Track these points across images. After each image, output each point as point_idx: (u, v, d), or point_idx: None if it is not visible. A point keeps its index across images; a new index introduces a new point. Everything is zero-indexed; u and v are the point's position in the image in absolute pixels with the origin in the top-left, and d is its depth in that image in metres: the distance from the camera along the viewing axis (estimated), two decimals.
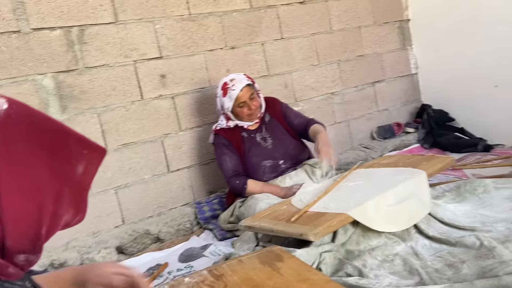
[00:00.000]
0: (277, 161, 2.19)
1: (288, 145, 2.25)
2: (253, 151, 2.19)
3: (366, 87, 3.22)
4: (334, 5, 3.02)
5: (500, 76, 2.87)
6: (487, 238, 1.47)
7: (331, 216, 1.57)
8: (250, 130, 2.23)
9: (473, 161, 2.67)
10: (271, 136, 2.24)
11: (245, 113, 2.15)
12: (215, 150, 2.24)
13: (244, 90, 2.11)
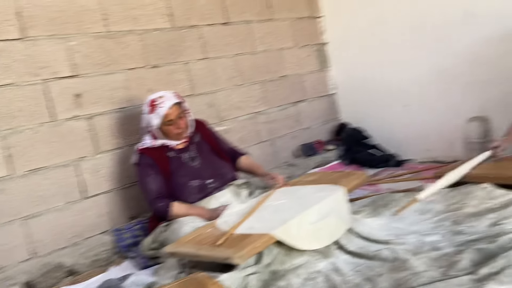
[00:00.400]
0: (205, 181, 2.15)
1: (217, 164, 2.23)
2: (180, 171, 2.13)
3: (289, 106, 3.32)
4: (257, 27, 3.09)
5: (409, 96, 3.13)
6: (401, 251, 1.56)
7: (256, 238, 1.57)
8: (177, 150, 2.18)
9: (387, 175, 2.85)
10: (200, 155, 2.21)
11: (172, 131, 2.10)
12: (138, 170, 2.14)
13: (172, 108, 2.07)
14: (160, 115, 2.05)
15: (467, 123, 2.84)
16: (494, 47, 2.61)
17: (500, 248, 1.44)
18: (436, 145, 3.06)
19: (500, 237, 1.50)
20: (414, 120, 3.14)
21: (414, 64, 3.03)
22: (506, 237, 1.48)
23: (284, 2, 3.26)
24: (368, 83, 3.35)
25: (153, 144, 2.13)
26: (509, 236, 1.48)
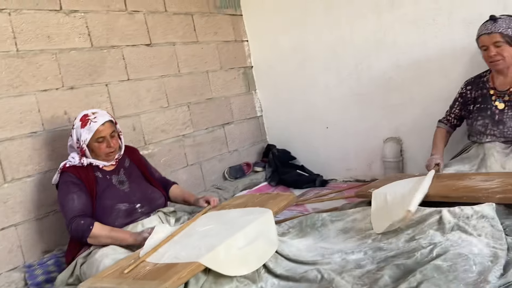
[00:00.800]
0: (134, 205, 2.05)
1: (147, 189, 2.16)
2: (108, 193, 2.02)
3: (217, 129, 3.30)
4: (181, 49, 3.07)
5: (330, 118, 3.27)
6: (327, 271, 1.59)
7: (182, 267, 1.50)
8: (105, 171, 2.07)
9: (312, 196, 2.93)
10: (129, 180, 2.12)
11: (103, 150, 2.00)
12: (59, 190, 1.97)
13: (106, 125, 2.00)
14: (92, 130, 1.96)
15: (383, 144, 3.03)
16: (404, 73, 2.83)
17: (417, 263, 1.52)
18: (356, 165, 3.22)
19: (417, 251, 1.58)
20: (336, 141, 3.28)
21: (334, 87, 3.19)
22: (422, 252, 1.56)
23: (209, 26, 3.28)
24: (292, 105, 3.45)
25: (81, 162, 2.00)
26: (425, 250, 1.57)
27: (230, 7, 3.46)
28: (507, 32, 2.02)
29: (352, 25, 2.99)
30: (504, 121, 2.12)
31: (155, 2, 2.91)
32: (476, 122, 2.22)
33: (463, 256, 1.46)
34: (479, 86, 2.26)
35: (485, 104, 2.20)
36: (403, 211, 1.72)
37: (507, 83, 2.15)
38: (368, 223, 1.95)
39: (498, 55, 2.06)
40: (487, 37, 2.06)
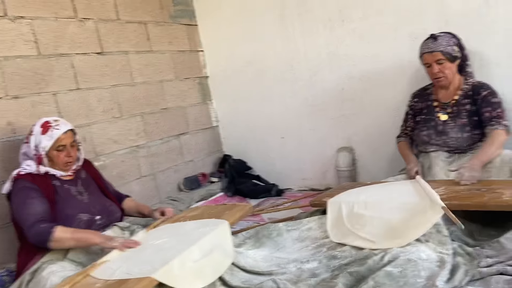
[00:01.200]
0: (94, 217, 1.99)
1: (105, 202, 2.11)
2: (68, 202, 1.95)
3: (172, 139, 3.25)
4: (135, 58, 3.00)
5: (285, 128, 3.32)
6: (282, 281, 1.59)
7: (134, 283, 1.45)
8: (63, 180, 2.00)
9: (269, 205, 2.94)
10: (87, 191, 2.06)
11: (62, 159, 1.94)
12: (15, 196, 1.86)
13: (67, 134, 1.96)
14: (54, 137, 1.91)
15: (336, 153, 3.10)
16: (355, 85, 2.93)
17: (369, 270, 1.56)
18: (311, 174, 3.27)
19: (369, 258, 1.63)
20: (291, 151, 3.33)
21: (290, 98, 3.24)
22: (374, 259, 1.61)
23: (163, 35, 3.24)
24: (248, 116, 3.47)
25: (38, 170, 1.91)
26: (377, 257, 1.61)
27: (185, 17, 3.44)
28: (447, 50, 2.15)
29: (306, 39, 3.06)
30: (447, 132, 2.24)
31: (107, 10, 2.84)
32: (421, 133, 2.33)
33: (412, 262, 1.51)
34: (424, 98, 2.38)
35: (430, 115, 2.32)
36: (434, 212, 1.73)
37: (449, 95, 2.28)
38: (323, 231, 1.98)
39: (440, 72, 2.18)
40: (430, 55, 2.18)
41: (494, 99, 2.17)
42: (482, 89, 2.20)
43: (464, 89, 2.24)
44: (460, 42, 2.22)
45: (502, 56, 2.38)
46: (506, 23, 2.34)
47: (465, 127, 2.20)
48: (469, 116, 2.19)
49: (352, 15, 2.83)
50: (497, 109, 2.15)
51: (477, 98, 2.19)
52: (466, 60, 2.27)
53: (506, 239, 1.62)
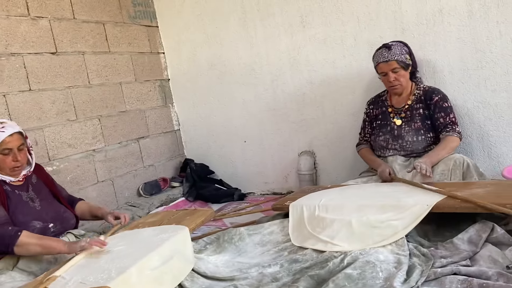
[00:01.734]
0: (47, 224, 1.90)
1: (59, 208, 2.02)
2: (21, 209, 1.85)
3: (131, 143, 3.16)
4: (92, 59, 2.90)
5: (247, 132, 3.31)
6: (244, 286, 1.58)
7: None
8: (13, 185, 1.89)
9: (231, 210, 2.92)
10: (39, 197, 1.96)
11: (8, 164, 1.83)
12: None
13: (14, 136, 1.84)
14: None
15: (298, 157, 3.13)
16: (316, 90, 2.97)
17: (329, 272, 1.57)
18: (273, 178, 3.28)
19: (330, 261, 1.64)
20: (253, 155, 3.33)
21: (252, 102, 3.24)
22: (334, 261, 1.62)
23: (123, 36, 3.16)
24: (210, 119, 3.44)
25: None
26: (337, 260, 1.63)
27: (145, 18, 3.37)
28: (402, 58, 2.25)
29: (267, 43, 3.07)
30: (402, 136, 2.32)
31: (62, 9, 2.73)
32: (378, 138, 2.40)
33: (371, 264, 1.54)
34: (379, 104, 2.47)
35: (385, 121, 2.40)
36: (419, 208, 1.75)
37: (402, 101, 2.38)
38: (285, 235, 1.99)
39: (396, 80, 2.28)
40: (385, 64, 2.26)
41: (445, 104, 2.27)
42: (433, 94, 2.30)
43: (416, 94, 2.34)
44: (410, 50, 2.33)
45: (455, 63, 2.49)
46: (458, 32, 2.45)
47: (419, 130, 2.29)
48: (422, 120, 2.29)
49: (312, 21, 2.87)
50: (449, 114, 2.25)
51: (429, 103, 2.29)
52: (416, 67, 2.38)
53: (458, 240, 1.69)
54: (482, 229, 1.70)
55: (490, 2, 2.34)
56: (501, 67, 2.38)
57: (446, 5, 2.45)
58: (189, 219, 2.07)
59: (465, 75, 2.48)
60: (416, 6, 2.53)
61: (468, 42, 2.44)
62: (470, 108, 2.50)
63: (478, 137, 2.50)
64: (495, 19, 2.34)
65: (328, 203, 2.01)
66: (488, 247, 1.63)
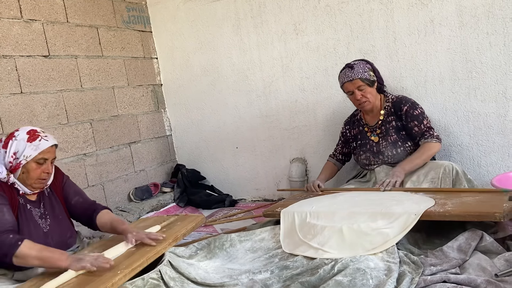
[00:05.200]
0: None
1: (65, 232, 1.91)
2: (28, 228, 1.75)
3: (122, 147, 3.15)
4: (85, 63, 2.89)
5: (239, 139, 3.31)
6: None
7: None
8: (27, 199, 1.81)
9: (222, 216, 2.91)
10: (50, 214, 1.86)
11: (39, 174, 1.76)
12: None
13: (53, 149, 1.82)
14: (41, 148, 1.75)
15: (290, 164, 3.14)
16: (308, 97, 2.99)
17: (320, 279, 1.57)
18: (265, 184, 3.28)
19: (320, 268, 1.64)
20: (245, 161, 3.33)
21: (244, 109, 3.25)
22: (325, 268, 1.62)
23: (116, 41, 3.15)
24: (202, 125, 3.44)
25: (8, 178, 1.74)
26: (327, 267, 1.63)
27: (139, 23, 3.37)
28: (365, 75, 2.27)
29: (261, 50, 3.09)
30: (382, 151, 2.34)
31: (56, 12, 2.72)
32: (360, 157, 2.44)
33: (361, 271, 1.54)
34: (355, 124, 2.50)
35: (364, 140, 2.43)
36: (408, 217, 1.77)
37: (375, 117, 2.40)
38: (276, 242, 1.99)
39: (363, 97, 2.29)
40: (350, 83, 2.29)
41: (415, 111, 2.28)
42: (401, 104, 2.31)
43: (386, 108, 2.36)
44: (373, 66, 2.35)
45: (446, 73, 2.52)
46: (449, 42, 2.48)
47: (396, 143, 2.31)
48: (397, 132, 2.31)
49: (306, 29, 2.90)
50: (423, 121, 2.27)
51: (400, 113, 2.31)
52: (382, 82, 2.39)
53: (448, 248, 1.70)
54: (471, 237, 1.71)
55: (481, 13, 2.38)
56: (491, 78, 2.41)
57: (437, 15, 2.48)
58: (179, 225, 2.06)
59: (456, 84, 2.51)
60: (408, 16, 2.56)
61: (458, 52, 2.47)
62: (460, 117, 2.53)
63: (468, 146, 2.53)
64: (485, 30, 2.38)
65: (319, 210, 2.02)
66: (477, 255, 1.64)
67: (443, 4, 2.46)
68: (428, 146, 2.21)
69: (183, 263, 1.79)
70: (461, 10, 2.42)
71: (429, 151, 2.20)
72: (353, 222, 1.84)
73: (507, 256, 1.60)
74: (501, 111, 2.42)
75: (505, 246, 1.72)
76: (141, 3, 3.42)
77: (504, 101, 2.40)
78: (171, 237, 1.89)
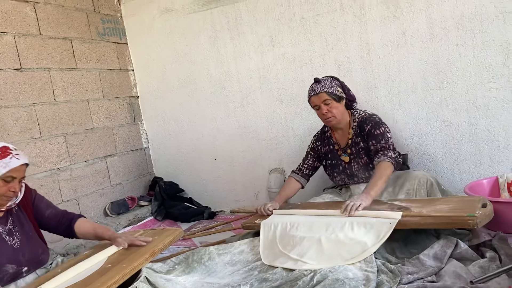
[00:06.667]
0: (21, 268, 1.74)
1: (37, 249, 1.83)
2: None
3: (98, 161, 3.09)
4: (58, 75, 2.84)
5: (218, 150, 3.30)
6: None
7: None
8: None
9: (200, 229, 2.87)
10: (20, 231, 1.79)
11: (3, 191, 1.69)
12: None
13: (23, 168, 1.74)
14: (10, 166, 1.67)
15: (268, 175, 3.14)
16: (285, 108, 3.01)
17: None
18: (244, 195, 3.27)
19: (299, 280, 1.63)
20: (224, 173, 3.31)
21: (222, 120, 3.24)
22: (304, 280, 1.62)
23: (91, 53, 3.11)
24: (180, 137, 3.41)
25: None
26: (306, 278, 1.62)
27: (114, 35, 3.34)
28: (332, 90, 2.24)
29: (238, 62, 3.10)
30: (355, 174, 2.33)
31: (28, 25, 2.67)
32: (335, 179, 2.43)
33: (340, 281, 1.54)
34: (325, 142, 2.44)
35: (335, 160, 2.39)
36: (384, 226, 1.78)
37: (345, 137, 2.36)
38: (255, 254, 1.97)
39: (329, 112, 2.25)
40: (316, 97, 2.26)
41: (377, 131, 2.21)
42: (365, 124, 2.26)
43: (353, 128, 2.32)
44: (342, 83, 2.33)
45: (418, 83, 2.58)
46: (421, 53, 2.55)
47: (367, 165, 2.29)
48: (366, 153, 2.28)
49: (282, 41, 2.92)
50: (381, 141, 2.19)
51: (363, 134, 2.27)
52: (352, 99, 2.35)
53: (424, 256, 1.72)
54: (446, 245, 1.74)
55: (450, 25, 2.45)
56: (461, 88, 2.48)
57: (409, 28, 2.55)
58: (157, 239, 2.01)
59: (428, 94, 2.57)
60: (381, 28, 2.62)
61: (430, 63, 2.54)
62: (433, 127, 2.58)
63: (441, 155, 2.59)
64: (455, 41, 2.46)
65: (298, 220, 2.02)
66: (452, 262, 1.67)
67: (414, 16, 2.53)
68: (382, 165, 2.11)
69: (160, 279, 1.75)
70: (432, 23, 2.49)
71: (385, 170, 2.10)
72: (331, 232, 1.85)
73: (482, 263, 1.63)
74: (472, 120, 2.49)
75: (479, 253, 1.76)
76: (116, 15, 3.39)
77: (475, 110, 2.47)
78: (148, 252, 1.85)
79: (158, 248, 1.91)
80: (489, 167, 2.48)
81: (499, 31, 2.34)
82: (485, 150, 2.47)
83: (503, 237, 1.82)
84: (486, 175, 2.46)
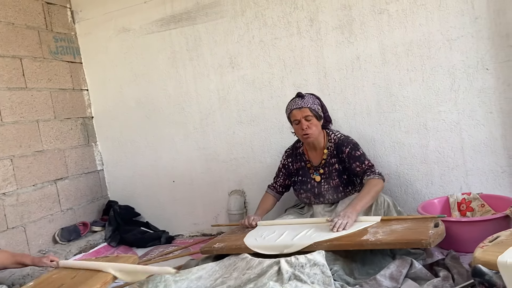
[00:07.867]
0: None
1: None
2: None
3: (47, 185, 2.93)
4: (6, 95, 2.70)
5: (176, 172, 3.23)
6: None
7: None
8: None
9: (157, 254, 2.77)
10: None
11: None
12: None
13: None
14: None
15: (228, 197, 3.10)
16: (245, 129, 3.00)
17: None
18: (203, 218, 3.20)
19: None
20: (182, 195, 3.23)
21: (181, 141, 3.19)
22: None
23: (42, 72, 2.99)
24: (137, 159, 3.32)
25: None
26: None
27: (68, 53, 3.24)
28: (314, 107, 2.28)
29: (197, 83, 3.08)
30: (323, 194, 2.35)
31: None
32: (301, 196, 2.44)
33: None
34: (297, 158, 2.47)
35: (305, 177, 2.41)
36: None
37: (318, 156, 2.39)
38: (213, 280, 1.92)
39: (308, 128, 2.26)
40: (299, 111, 2.27)
41: (357, 152, 2.28)
42: (343, 146, 2.31)
43: (329, 148, 2.35)
44: (322, 103, 2.38)
45: (372, 106, 2.67)
46: (374, 78, 2.64)
47: (338, 187, 2.32)
48: (339, 175, 2.31)
49: (241, 63, 2.94)
50: (364, 162, 2.26)
51: (341, 156, 2.31)
52: (329, 120, 2.41)
53: (381, 276, 1.74)
54: (401, 265, 1.77)
55: (401, 51, 2.56)
56: (412, 110, 2.59)
57: (362, 53, 2.64)
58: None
59: (382, 117, 2.66)
60: (336, 53, 2.70)
61: (383, 87, 2.63)
62: (387, 148, 2.66)
63: (395, 176, 2.66)
64: (406, 67, 2.57)
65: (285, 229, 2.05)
66: (408, 282, 1.70)
67: (367, 42, 2.62)
68: (373, 182, 2.17)
69: None
70: (383, 48, 2.60)
71: (375, 187, 2.15)
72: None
73: (436, 283, 1.67)
74: (423, 142, 2.58)
75: (433, 272, 1.80)
76: (70, 33, 3.29)
77: (425, 132, 2.57)
78: (99, 282, 1.75)
79: (110, 277, 1.82)
80: (440, 187, 2.57)
81: (445, 57, 2.47)
82: (435, 170, 2.57)
83: (455, 256, 1.88)
84: (437, 194, 2.55)
